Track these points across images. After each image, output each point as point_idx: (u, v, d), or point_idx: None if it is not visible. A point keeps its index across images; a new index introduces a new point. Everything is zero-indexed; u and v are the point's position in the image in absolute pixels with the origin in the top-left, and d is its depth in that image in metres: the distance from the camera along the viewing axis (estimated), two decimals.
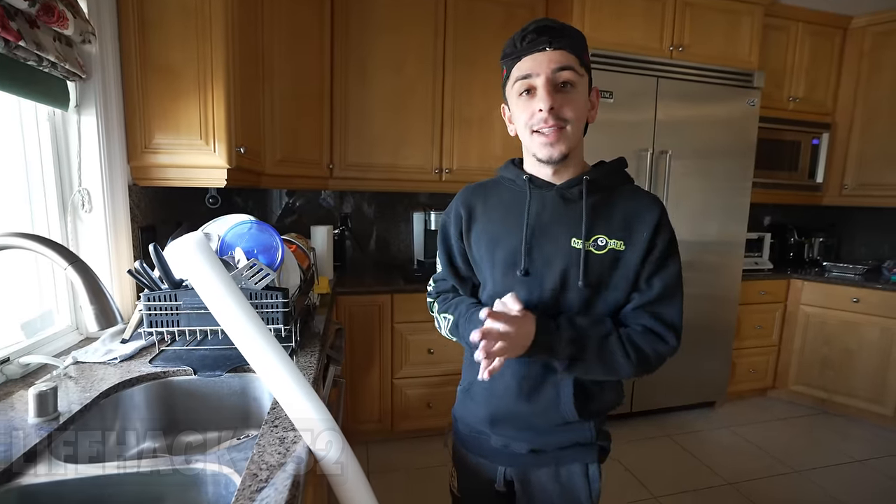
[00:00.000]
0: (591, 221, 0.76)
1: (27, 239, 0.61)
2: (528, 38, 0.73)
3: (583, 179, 0.76)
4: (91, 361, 1.00)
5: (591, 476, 0.83)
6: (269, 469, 0.64)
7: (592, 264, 0.75)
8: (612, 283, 0.76)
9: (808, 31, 2.65)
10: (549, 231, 0.77)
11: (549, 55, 0.72)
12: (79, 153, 1.18)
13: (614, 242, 0.75)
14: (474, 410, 0.87)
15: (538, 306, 0.77)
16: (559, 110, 0.72)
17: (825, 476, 2.00)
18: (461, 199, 0.88)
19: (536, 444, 0.82)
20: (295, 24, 1.89)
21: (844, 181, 2.79)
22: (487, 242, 0.82)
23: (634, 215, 0.77)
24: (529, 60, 0.73)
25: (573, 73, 0.72)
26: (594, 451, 0.83)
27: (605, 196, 0.78)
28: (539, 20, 0.74)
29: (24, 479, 0.64)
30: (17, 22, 0.87)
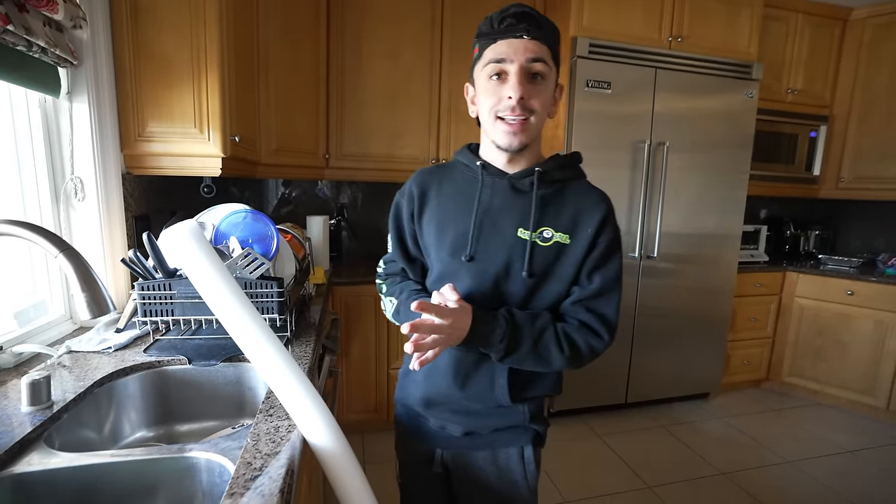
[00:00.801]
0: (540, 213, 0.77)
1: (17, 226, 0.60)
2: (507, 21, 0.73)
3: (535, 171, 0.77)
4: (85, 350, 1.00)
5: (527, 459, 0.84)
6: (264, 457, 0.64)
7: (537, 255, 0.76)
8: (554, 275, 0.78)
9: (807, 23, 2.64)
10: (497, 219, 0.78)
11: (525, 43, 0.72)
12: (71, 141, 1.16)
13: (560, 235, 0.77)
14: (412, 392, 0.88)
15: (481, 293, 0.78)
16: (527, 100, 0.73)
17: (817, 466, 2.03)
18: (416, 180, 0.87)
19: (471, 426, 0.84)
20: (291, 12, 1.87)
21: (841, 174, 2.79)
22: (437, 225, 0.83)
23: (582, 211, 0.78)
24: (505, 45, 0.72)
25: (545, 65, 0.73)
26: (529, 434, 0.85)
27: (555, 189, 0.79)
28: (519, 4, 0.74)
29: (18, 467, 0.64)
30: (6, 6, 0.85)
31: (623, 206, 2.21)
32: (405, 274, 0.91)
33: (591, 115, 2.10)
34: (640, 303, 2.33)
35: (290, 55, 1.88)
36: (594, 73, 2.08)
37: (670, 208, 2.27)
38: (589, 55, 2.06)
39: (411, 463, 0.94)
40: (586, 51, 2.05)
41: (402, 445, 0.96)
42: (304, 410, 0.67)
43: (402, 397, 0.93)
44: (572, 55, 2.07)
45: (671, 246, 2.32)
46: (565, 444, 2.16)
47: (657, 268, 2.32)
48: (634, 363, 2.39)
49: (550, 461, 2.01)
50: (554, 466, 1.97)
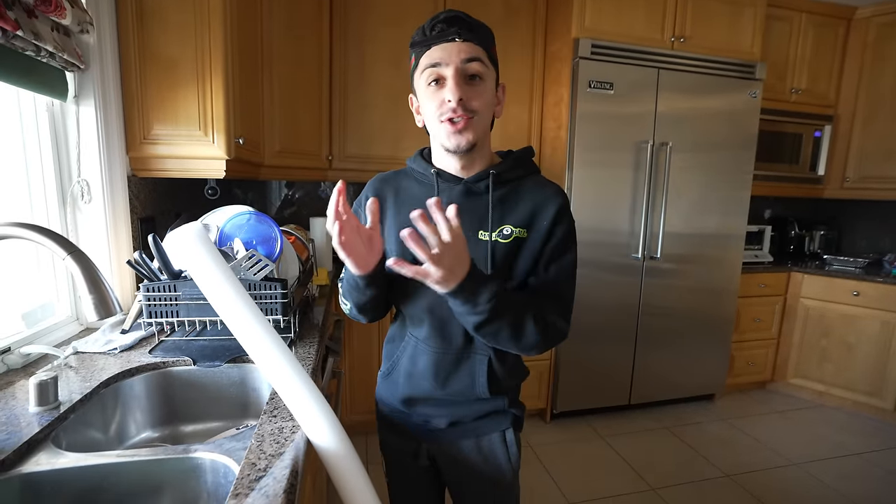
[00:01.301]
0: (499, 213, 0.78)
1: (26, 229, 0.61)
2: (438, 27, 0.73)
3: (489, 173, 0.77)
4: (91, 351, 1.01)
5: (509, 441, 0.87)
6: (268, 458, 0.64)
7: (499, 253, 0.77)
8: (516, 271, 0.78)
9: (811, 22, 2.63)
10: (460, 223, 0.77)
11: (458, 46, 0.72)
12: (77, 144, 1.18)
13: (518, 230, 0.77)
14: (394, 391, 0.89)
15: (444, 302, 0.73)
16: (468, 101, 0.72)
17: (823, 469, 2.02)
18: (371, 188, 0.87)
19: (455, 416, 0.86)
20: (294, 15, 1.88)
21: (846, 174, 2.78)
22: (397, 237, 0.81)
23: (538, 205, 0.78)
24: (439, 50, 0.73)
25: (481, 64, 0.73)
26: (508, 417, 0.87)
27: (511, 188, 0.80)
28: (449, 10, 0.74)
29: (26, 467, 0.64)
30: (15, 11, 0.86)
31: (626, 207, 2.21)
32: None
33: (593, 116, 2.10)
34: (643, 303, 2.32)
35: (293, 56, 1.89)
36: (596, 73, 2.07)
37: (673, 208, 2.27)
38: (591, 56, 2.06)
39: (397, 459, 0.95)
40: (588, 52, 2.05)
41: (387, 442, 0.97)
42: (307, 411, 0.68)
43: (383, 397, 0.94)
44: (574, 56, 2.07)
45: (674, 246, 2.31)
46: (568, 445, 2.16)
47: (660, 268, 2.31)
48: (638, 364, 2.38)
49: (553, 462, 2.01)
50: (557, 468, 1.97)
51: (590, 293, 2.22)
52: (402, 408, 0.89)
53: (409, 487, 0.97)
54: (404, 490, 0.97)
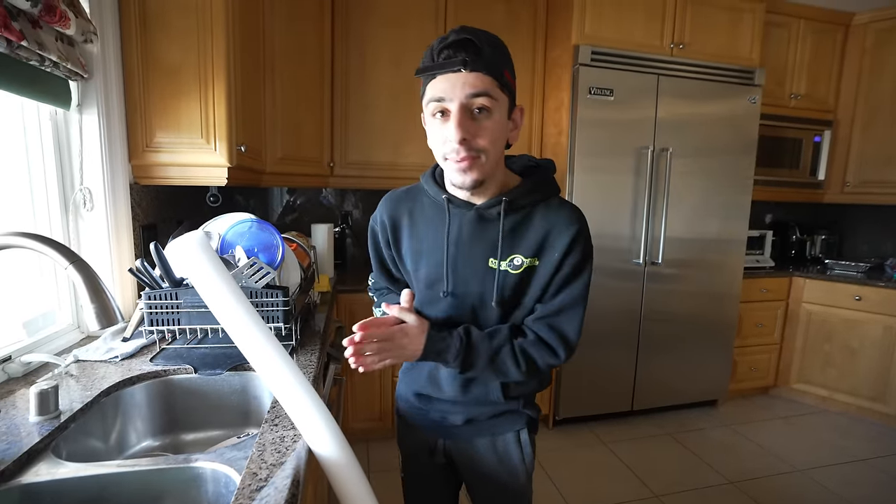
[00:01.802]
0: (509, 242, 0.77)
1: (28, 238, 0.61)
2: (445, 53, 0.67)
3: (501, 200, 0.75)
4: (92, 360, 1.01)
5: (524, 441, 0.89)
6: (269, 468, 0.64)
7: (507, 284, 0.77)
8: (525, 301, 0.79)
9: (809, 28, 2.64)
10: (468, 251, 0.79)
11: (464, 77, 0.67)
12: (80, 152, 1.18)
13: (529, 260, 0.77)
14: (414, 388, 0.91)
15: (458, 322, 0.80)
16: (472, 140, 0.69)
17: (827, 475, 2.00)
18: (385, 209, 0.88)
19: (470, 414, 0.87)
20: (296, 18, 1.89)
21: (846, 178, 2.78)
22: (412, 257, 0.85)
23: (551, 232, 0.77)
24: (443, 81, 0.68)
25: (489, 98, 0.68)
26: (523, 418, 0.89)
27: (524, 214, 0.78)
28: (459, 30, 0.68)
29: (26, 477, 0.64)
30: (20, 22, 0.87)
31: (627, 212, 2.21)
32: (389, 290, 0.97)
33: (593, 123, 2.11)
34: (645, 309, 2.32)
35: (294, 60, 1.91)
36: (596, 80, 2.08)
37: (674, 214, 2.27)
38: (591, 63, 2.07)
39: (414, 455, 0.97)
40: (588, 58, 2.06)
41: (405, 438, 0.98)
42: (309, 420, 0.67)
43: (403, 392, 0.95)
44: (574, 63, 2.08)
45: (676, 252, 2.31)
46: (571, 451, 2.14)
47: (662, 274, 2.31)
48: (640, 370, 2.37)
49: (556, 469, 2.00)
50: (560, 474, 1.96)
51: (591, 299, 2.20)
52: (419, 403, 0.91)
53: (424, 484, 0.98)
54: (420, 486, 0.98)
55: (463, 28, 0.69)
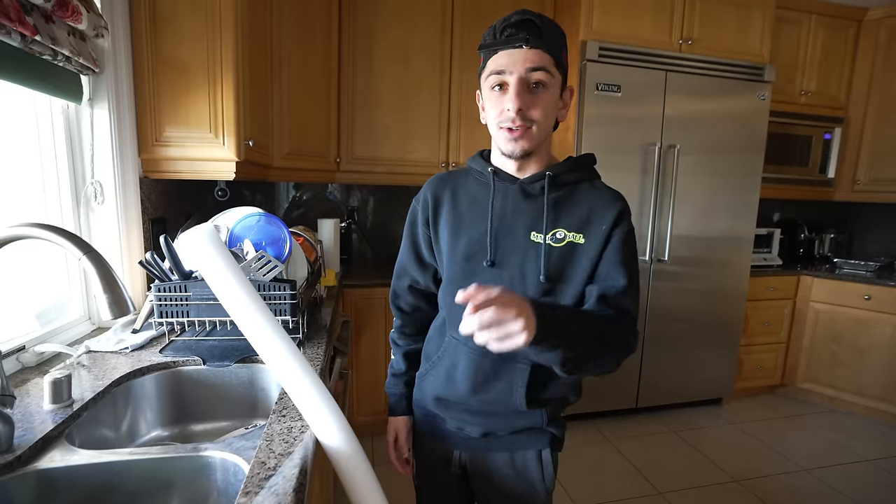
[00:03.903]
0: (553, 216, 0.78)
1: (43, 229, 0.62)
2: (507, 31, 0.73)
3: (546, 175, 0.77)
4: (103, 350, 1.02)
5: (545, 461, 0.84)
6: (277, 457, 0.65)
7: (551, 257, 0.76)
8: (569, 276, 0.77)
9: (820, 24, 2.61)
10: (511, 224, 0.79)
11: (524, 53, 0.71)
12: (91, 146, 1.20)
13: (573, 235, 0.77)
14: (430, 394, 0.88)
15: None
16: (527, 111, 0.73)
17: (833, 475, 1.99)
18: (430, 187, 0.89)
19: (489, 427, 0.84)
20: (303, 18, 1.90)
21: (857, 176, 2.75)
22: (451, 231, 0.83)
23: (595, 209, 0.77)
24: (506, 56, 0.73)
25: (546, 73, 0.72)
26: (546, 437, 0.84)
27: (567, 191, 0.79)
28: (521, 12, 0.73)
29: (41, 463, 0.65)
30: (34, 17, 0.88)
31: (633, 210, 2.19)
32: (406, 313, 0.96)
33: (600, 119, 2.10)
34: (650, 306, 2.31)
35: (302, 60, 1.91)
36: (604, 76, 2.07)
37: (681, 211, 2.26)
38: (599, 59, 2.06)
39: (429, 465, 0.95)
40: (596, 54, 2.05)
41: (420, 447, 0.96)
42: (316, 411, 0.68)
43: (419, 398, 0.93)
44: (582, 59, 2.07)
45: (682, 249, 2.30)
46: (576, 448, 2.15)
47: (668, 271, 2.30)
48: (645, 367, 2.37)
49: (561, 465, 1.99)
50: (564, 471, 1.96)
51: None
52: (437, 411, 0.88)
53: (438, 494, 0.96)
54: (433, 496, 0.97)
55: (524, 10, 0.74)
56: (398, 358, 0.98)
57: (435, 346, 0.88)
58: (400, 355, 0.97)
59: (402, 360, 0.97)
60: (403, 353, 0.97)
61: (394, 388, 0.97)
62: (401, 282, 0.94)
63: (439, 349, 0.86)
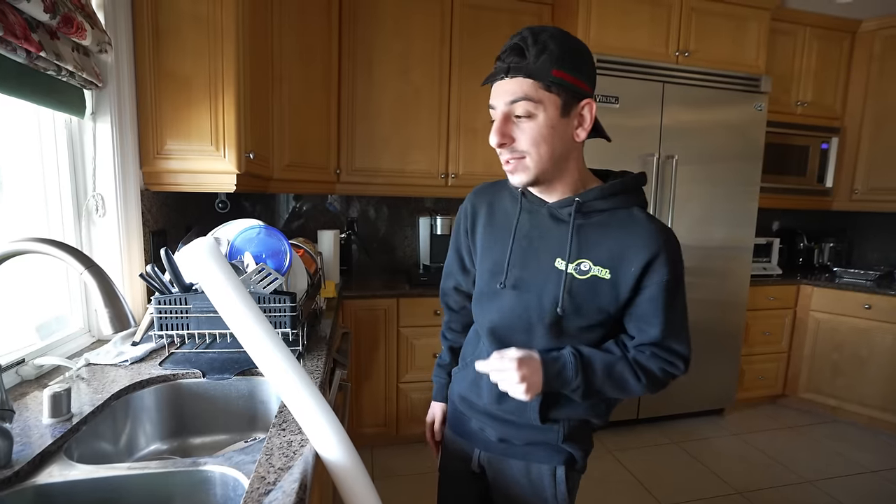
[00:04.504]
0: (578, 245, 0.74)
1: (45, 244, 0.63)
2: (497, 63, 0.71)
3: (574, 201, 0.74)
4: (103, 363, 1.02)
5: (558, 478, 0.84)
6: (277, 472, 0.64)
7: (573, 288, 0.74)
8: (585, 311, 0.74)
9: (815, 35, 2.64)
10: (537, 247, 0.78)
11: (504, 86, 0.69)
12: (94, 159, 1.21)
13: (598, 269, 0.73)
14: (457, 392, 0.93)
15: (511, 317, 0.79)
16: (513, 144, 0.70)
17: (837, 486, 1.97)
18: (471, 198, 0.91)
19: (506, 434, 0.85)
20: (304, 32, 1.92)
21: (855, 186, 2.76)
22: (482, 246, 0.86)
23: (628, 246, 0.72)
24: (494, 89, 0.71)
25: (529, 102, 0.67)
26: (562, 455, 0.84)
27: (599, 219, 0.74)
28: (517, 35, 0.69)
29: (39, 478, 0.65)
30: (39, 33, 0.89)
31: None
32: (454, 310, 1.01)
33: None
34: None
35: (302, 71, 1.93)
36: (602, 87, 2.10)
37: (680, 221, 2.27)
38: (597, 71, 2.08)
39: (453, 458, 0.99)
40: None
41: (447, 439, 1.01)
42: (316, 425, 0.68)
43: (453, 393, 0.97)
44: None
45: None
46: None
47: None
48: None
49: None
50: None
51: None
52: (462, 408, 0.92)
53: (456, 487, 1.00)
54: (452, 488, 1.01)
55: (526, 28, 0.69)
56: (444, 351, 1.04)
57: (470, 349, 0.92)
58: (446, 348, 1.03)
59: (447, 353, 1.03)
60: (449, 346, 1.03)
61: (437, 376, 1.03)
62: (447, 282, 0.99)
63: (473, 353, 0.90)
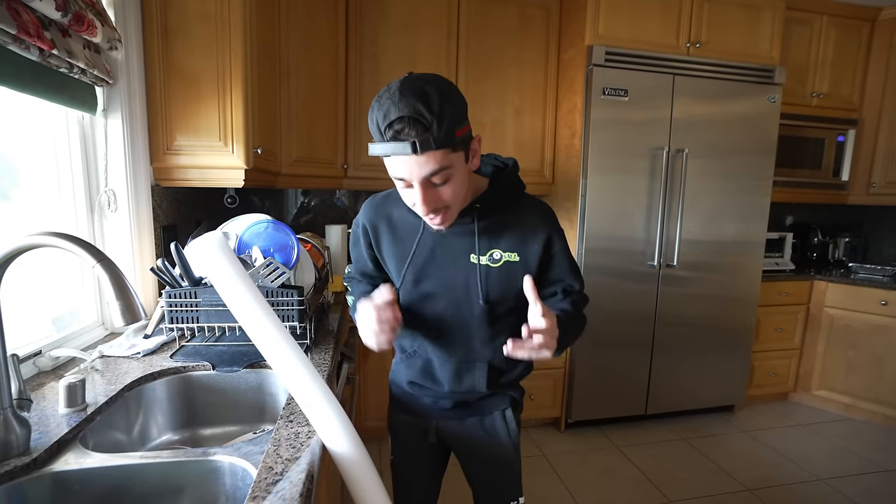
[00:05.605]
0: (486, 239, 0.83)
1: (58, 238, 0.64)
2: (391, 132, 0.65)
3: (474, 207, 0.81)
4: (116, 355, 1.05)
5: (508, 419, 0.97)
6: (285, 462, 0.65)
7: (491, 276, 0.83)
8: (508, 294, 0.84)
9: (832, 24, 2.58)
10: (450, 248, 0.84)
11: (417, 161, 0.66)
12: (105, 155, 1.23)
13: (508, 255, 0.83)
14: (405, 378, 0.97)
15: (449, 315, 0.87)
16: (438, 203, 0.73)
17: (850, 485, 1.94)
18: (366, 215, 0.92)
19: (459, 399, 0.95)
20: (311, 26, 1.93)
21: (872, 179, 2.70)
22: (397, 259, 0.89)
23: (525, 229, 0.83)
24: (399, 162, 0.68)
25: (447, 169, 0.69)
26: (507, 399, 0.97)
27: (497, 214, 0.83)
28: (400, 102, 0.64)
29: (56, 465, 0.67)
30: (51, 31, 0.91)
31: (641, 214, 2.19)
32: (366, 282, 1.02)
33: (607, 123, 2.10)
34: (659, 312, 2.29)
35: (309, 68, 1.94)
36: (610, 80, 2.07)
37: (690, 216, 2.24)
38: (605, 63, 2.05)
39: (407, 436, 1.02)
40: (602, 59, 2.05)
41: (398, 421, 1.04)
42: (323, 417, 0.69)
43: (396, 380, 1.02)
44: (588, 64, 2.07)
45: (692, 254, 2.28)
46: (583, 455, 2.13)
47: (677, 276, 2.28)
48: (654, 374, 2.34)
49: (568, 472, 1.98)
50: (571, 478, 1.95)
51: (605, 301, 2.20)
52: (411, 390, 0.97)
53: (414, 462, 1.04)
54: (410, 465, 1.04)
55: (403, 97, 0.64)
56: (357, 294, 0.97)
57: (409, 342, 0.96)
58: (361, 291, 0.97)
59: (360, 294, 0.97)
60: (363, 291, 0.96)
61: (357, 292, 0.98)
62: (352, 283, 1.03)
63: (413, 345, 0.94)
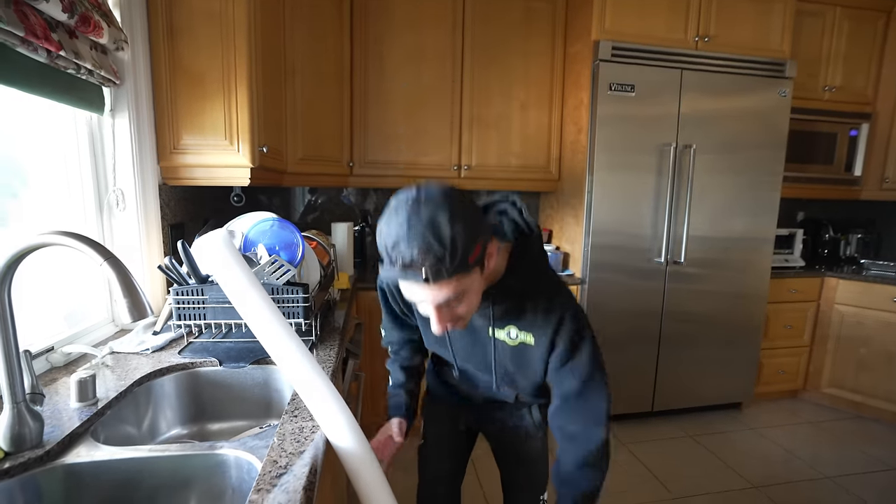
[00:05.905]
0: (503, 317, 0.83)
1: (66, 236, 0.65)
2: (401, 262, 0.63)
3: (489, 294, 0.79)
4: (126, 351, 1.07)
5: (534, 413, 1.04)
6: (289, 456, 0.67)
7: (507, 354, 0.86)
8: (526, 373, 0.87)
9: (845, 16, 2.52)
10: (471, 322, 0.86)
11: (431, 290, 0.65)
12: (113, 155, 1.25)
13: (524, 335, 0.83)
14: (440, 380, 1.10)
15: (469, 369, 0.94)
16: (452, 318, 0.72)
17: (858, 483, 1.92)
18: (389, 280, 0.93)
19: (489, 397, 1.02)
20: (315, 25, 1.93)
21: (886, 174, 2.65)
22: (417, 317, 0.94)
23: (540, 315, 0.81)
24: (413, 289, 0.66)
25: (463, 294, 0.68)
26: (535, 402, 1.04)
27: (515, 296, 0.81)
28: (417, 238, 0.61)
29: (68, 458, 0.69)
30: (58, 33, 0.92)
31: (648, 210, 2.17)
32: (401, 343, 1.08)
33: (614, 119, 2.08)
34: (666, 308, 2.27)
35: (314, 66, 1.95)
36: (617, 76, 2.05)
37: (698, 212, 2.22)
38: (612, 58, 2.04)
39: (438, 421, 1.12)
40: (609, 54, 2.03)
41: (431, 410, 1.14)
42: (326, 412, 0.70)
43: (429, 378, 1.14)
44: (594, 59, 2.05)
45: (700, 250, 2.26)
46: None
47: (685, 273, 2.26)
48: (661, 371, 2.33)
49: None
50: None
51: (611, 298, 2.19)
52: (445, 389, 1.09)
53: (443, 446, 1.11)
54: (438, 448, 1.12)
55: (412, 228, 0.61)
56: (396, 371, 1.07)
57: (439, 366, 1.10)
58: (398, 368, 1.07)
59: (400, 372, 1.06)
60: (401, 366, 1.07)
61: (395, 396, 1.05)
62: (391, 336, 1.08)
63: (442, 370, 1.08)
